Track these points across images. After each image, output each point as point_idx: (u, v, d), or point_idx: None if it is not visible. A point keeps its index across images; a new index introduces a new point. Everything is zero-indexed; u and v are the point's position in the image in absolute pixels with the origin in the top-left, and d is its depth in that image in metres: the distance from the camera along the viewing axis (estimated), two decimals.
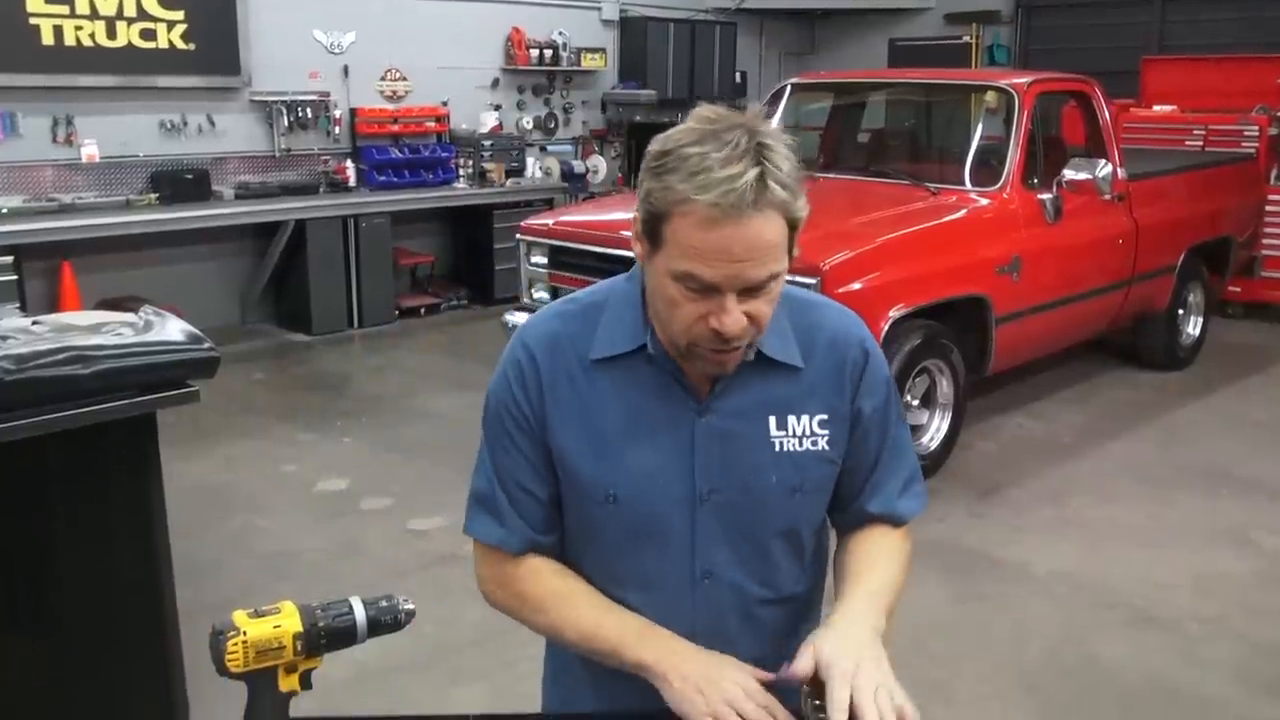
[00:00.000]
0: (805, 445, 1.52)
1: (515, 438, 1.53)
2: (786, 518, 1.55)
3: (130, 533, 2.86)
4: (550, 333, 1.54)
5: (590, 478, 1.51)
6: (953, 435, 5.49)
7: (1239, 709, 3.47)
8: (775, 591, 1.58)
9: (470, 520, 1.59)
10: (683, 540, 1.52)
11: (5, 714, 2.76)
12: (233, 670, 1.26)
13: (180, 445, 5.27)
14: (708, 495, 1.51)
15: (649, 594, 1.55)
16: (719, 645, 1.54)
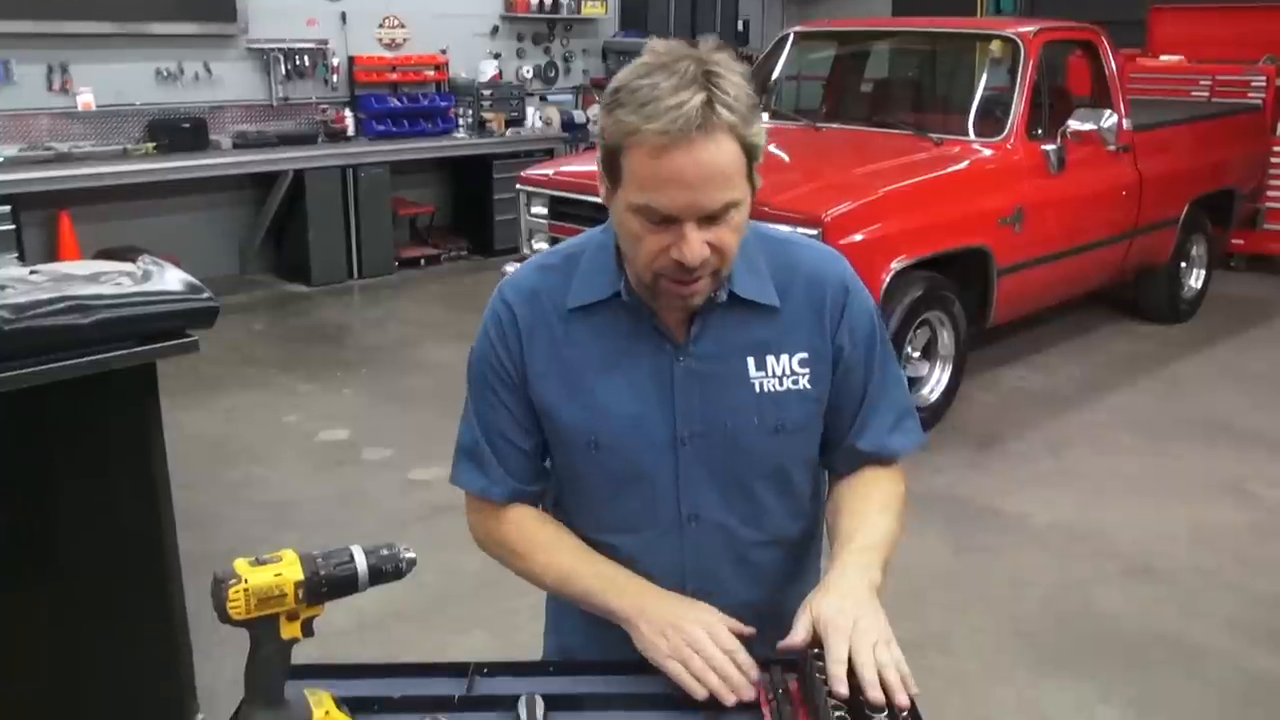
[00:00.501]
0: (786, 385, 1.51)
1: (498, 391, 1.55)
2: (771, 458, 1.54)
3: (132, 482, 2.87)
4: (529, 286, 1.55)
5: (572, 425, 1.53)
6: (953, 387, 5.49)
7: (1234, 659, 3.50)
8: (765, 533, 1.59)
9: (456, 470, 1.63)
10: (667, 484, 1.53)
11: (10, 662, 2.79)
12: (234, 618, 1.26)
13: (181, 396, 5.27)
14: (689, 438, 1.51)
15: (637, 538, 1.57)
16: (711, 588, 1.56)
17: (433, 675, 1.53)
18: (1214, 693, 3.33)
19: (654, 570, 1.55)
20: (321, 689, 1.41)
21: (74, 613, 2.82)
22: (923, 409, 5.33)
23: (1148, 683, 3.37)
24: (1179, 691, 3.33)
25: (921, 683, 1.44)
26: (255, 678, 1.32)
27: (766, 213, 4.67)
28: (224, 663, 1.50)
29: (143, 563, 2.92)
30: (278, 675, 1.33)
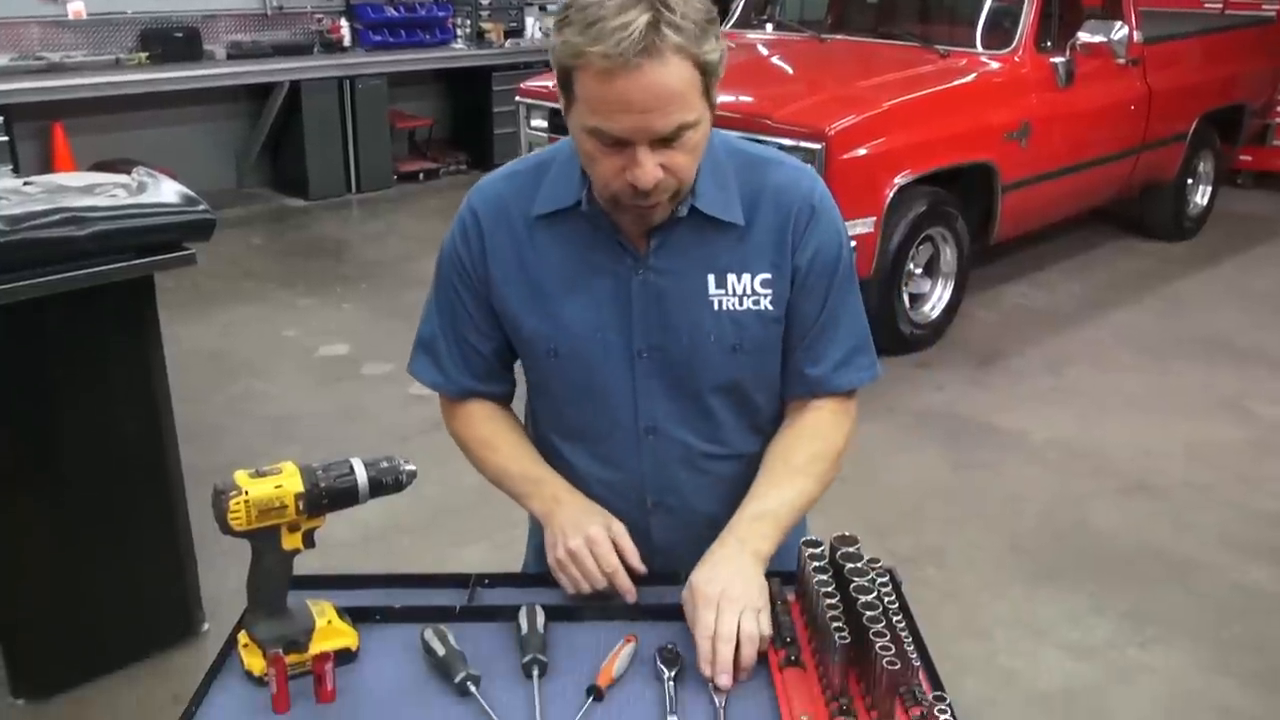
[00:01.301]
0: (746, 304, 1.49)
1: (460, 292, 1.56)
2: (727, 376, 1.53)
3: (132, 395, 2.87)
4: (496, 193, 1.54)
5: (533, 334, 1.53)
6: (954, 304, 5.48)
7: (1227, 572, 3.54)
8: (724, 448, 1.58)
9: (412, 361, 1.65)
10: (624, 395, 1.53)
11: (17, 577, 2.82)
12: (235, 529, 1.27)
13: (180, 310, 5.26)
14: (646, 351, 1.50)
15: (596, 447, 1.58)
16: (672, 500, 1.57)
17: (434, 586, 1.55)
18: (1206, 605, 3.37)
19: (615, 480, 1.57)
20: (324, 599, 1.42)
21: (78, 526, 2.85)
22: (923, 326, 5.34)
23: (1141, 596, 3.41)
24: (1172, 604, 3.37)
25: (917, 596, 1.46)
26: (257, 588, 1.34)
27: (769, 126, 4.62)
28: (228, 573, 1.52)
29: (145, 475, 2.94)
30: (280, 585, 1.34)
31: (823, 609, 1.31)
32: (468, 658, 1.34)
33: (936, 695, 1.20)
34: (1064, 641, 3.20)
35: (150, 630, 3.05)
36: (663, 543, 1.58)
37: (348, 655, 1.37)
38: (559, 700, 1.30)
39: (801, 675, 1.33)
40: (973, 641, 3.18)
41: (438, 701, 1.30)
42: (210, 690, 1.33)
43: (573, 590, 1.47)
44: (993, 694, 2.96)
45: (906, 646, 1.26)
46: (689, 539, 1.54)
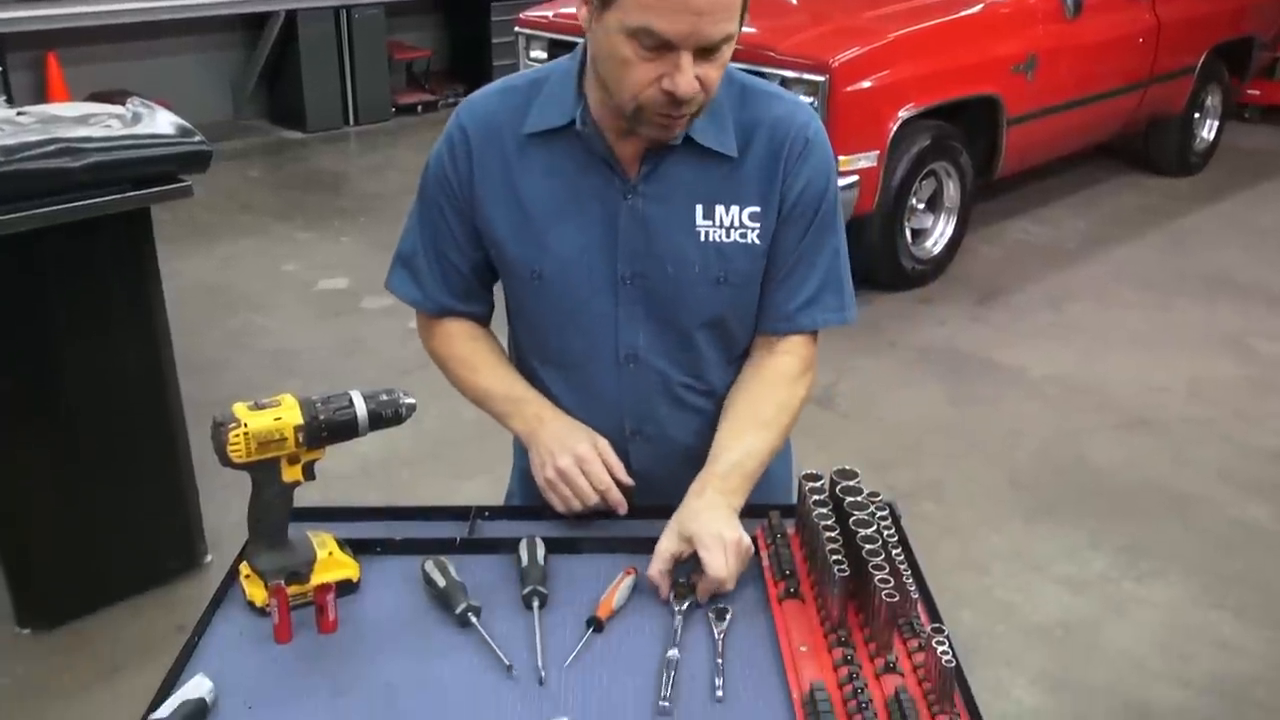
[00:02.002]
0: (733, 237, 1.46)
1: (444, 209, 1.53)
2: (711, 308, 1.51)
3: (131, 329, 2.86)
4: (487, 110, 1.50)
5: (516, 254, 1.50)
6: (957, 239, 5.45)
7: (1224, 508, 3.56)
8: (703, 383, 1.57)
9: (390, 275, 1.64)
10: (606, 322, 1.51)
11: (20, 509, 2.83)
12: (235, 461, 1.27)
13: (178, 243, 5.23)
14: (630, 278, 1.48)
15: (575, 373, 1.56)
16: (650, 429, 1.56)
17: (434, 518, 1.55)
18: (1203, 540, 3.39)
19: (594, 407, 1.56)
20: (325, 531, 1.43)
21: (79, 459, 2.86)
22: (925, 261, 5.31)
23: (1138, 530, 3.43)
24: (1169, 538, 3.40)
25: (915, 531, 1.46)
26: (258, 520, 1.34)
27: (772, 58, 4.55)
28: (229, 506, 1.53)
29: (145, 409, 2.94)
30: (280, 517, 1.34)
31: (822, 542, 1.31)
32: (468, 589, 1.34)
33: (935, 627, 1.21)
34: (1061, 575, 3.22)
35: (153, 562, 3.08)
36: (641, 470, 1.56)
37: (349, 586, 1.37)
38: (559, 631, 1.31)
39: (800, 607, 1.34)
40: (970, 575, 3.20)
41: (438, 632, 1.31)
42: (213, 620, 1.34)
43: (564, 509, 1.48)
44: (989, 627, 2.99)
45: (905, 579, 1.26)
46: (666, 468, 1.55)
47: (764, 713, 1.18)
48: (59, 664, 2.84)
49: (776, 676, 1.24)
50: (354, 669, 1.25)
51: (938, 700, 1.17)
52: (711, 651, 1.27)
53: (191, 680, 1.19)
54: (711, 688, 1.22)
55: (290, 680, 1.23)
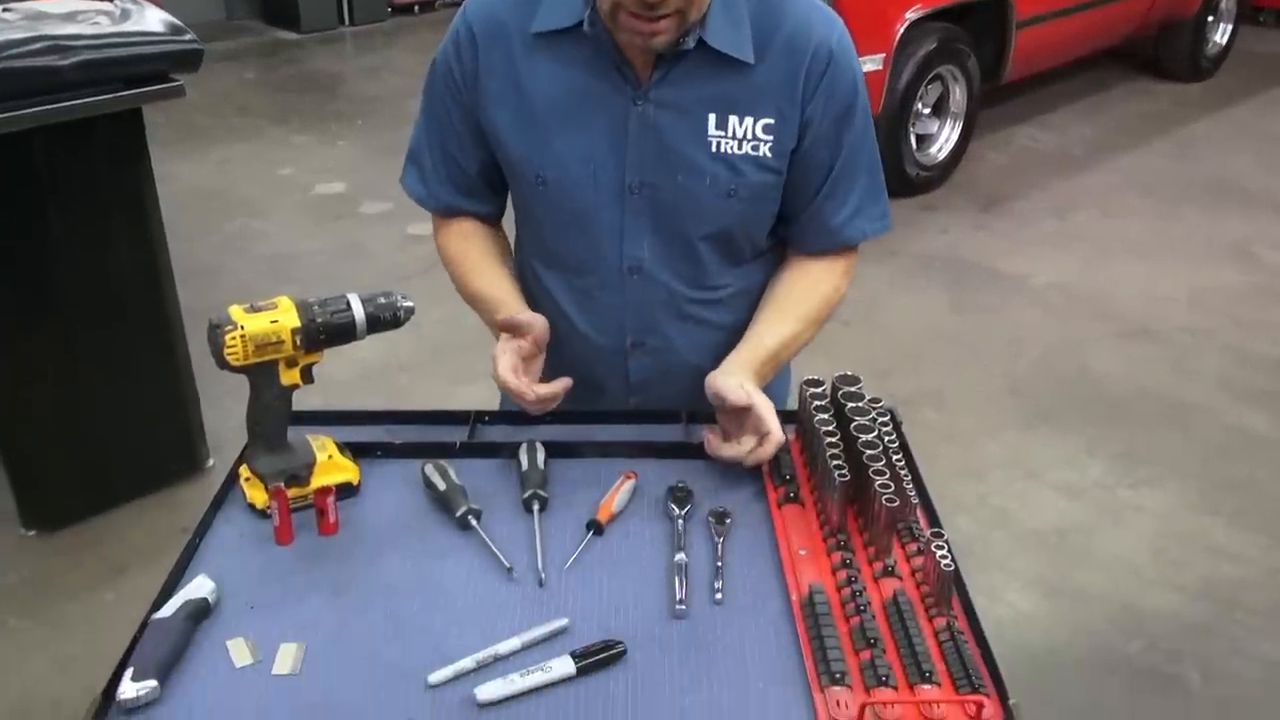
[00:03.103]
0: (745, 149, 1.42)
1: (449, 106, 1.50)
2: (718, 221, 1.47)
3: (126, 232, 2.83)
4: (493, 7, 1.45)
5: (520, 157, 1.47)
6: (962, 146, 5.38)
7: (1221, 416, 3.58)
8: (707, 293, 1.54)
9: (403, 172, 1.62)
10: (611, 231, 1.48)
11: (21, 412, 2.84)
12: (232, 364, 1.25)
13: (173, 146, 5.17)
14: (638, 187, 1.44)
15: (578, 280, 1.54)
16: (653, 341, 1.54)
17: (435, 423, 1.55)
18: (1199, 448, 3.41)
19: (595, 316, 1.54)
20: (324, 434, 1.43)
21: (79, 363, 2.85)
22: (929, 168, 5.25)
23: (1135, 438, 3.45)
24: (1165, 446, 3.41)
25: (914, 438, 1.46)
26: (257, 423, 1.33)
27: None
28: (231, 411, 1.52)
29: (143, 313, 2.93)
30: (279, 420, 1.34)
31: (823, 447, 1.31)
32: (468, 493, 1.34)
33: (934, 531, 1.21)
34: (1058, 482, 3.25)
35: (156, 465, 3.10)
36: (639, 382, 1.56)
37: (349, 490, 1.37)
38: (559, 535, 1.31)
39: (800, 512, 1.34)
40: (968, 481, 3.22)
41: (438, 535, 1.32)
42: (214, 522, 1.35)
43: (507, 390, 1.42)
44: (985, 532, 3.02)
45: (905, 484, 1.26)
46: (665, 380, 1.54)
47: (763, 615, 1.19)
48: (64, 564, 2.87)
49: (775, 579, 1.25)
50: (354, 571, 1.26)
51: (936, 604, 1.18)
52: (711, 555, 1.28)
53: (194, 581, 1.20)
54: (711, 590, 1.22)
55: (291, 581, 1.24)
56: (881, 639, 1.13)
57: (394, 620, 1.18)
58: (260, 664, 1.12)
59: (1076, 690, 2.53)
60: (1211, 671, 2.59)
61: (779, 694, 1.09)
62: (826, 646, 1.11)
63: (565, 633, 1.16)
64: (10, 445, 2.90)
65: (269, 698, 1.08)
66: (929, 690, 1.07)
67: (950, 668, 1.10)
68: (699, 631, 1.17)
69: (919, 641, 1.12)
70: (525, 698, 1.08)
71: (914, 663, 1.10)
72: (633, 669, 1.12)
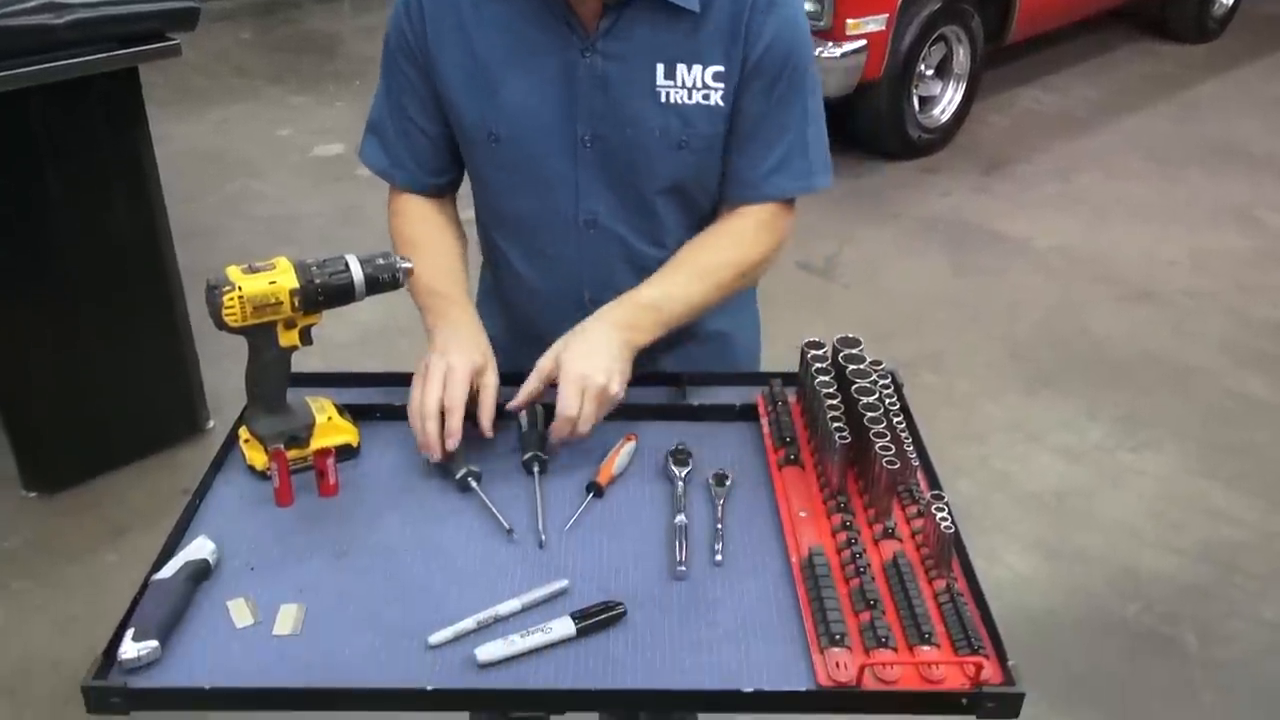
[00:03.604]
0: (695, 99, 1.39)
1: (405, 69, 1.47)
2: (671, 173, 1.45)
3: (124, 193, 2.82)
4: None
5: (472, 115, 1.44)
6: (965, 107, 5.34)
7: (1221, 379, 3.57)
8: (664, 250, 1.51)
9: (363, 145, 1.57)
10: (565, 186, 1.46)
11: (21, 374, 2.83)
12: (231, 325, 1.25)
13: (170, 107, 5.14)
14: (589, 141, 1.42)
15: (534, 238, 1.52)
16: (608, 297, 1.49)
17: None
18: (1199, 411, 3.41)
19: (553, 274, 1.52)
20: (324, 396, 1.42)
21: (78, 324, 2.85)
22: (932, 130, 5.21)
23: (1135, 402, 3.45)
24: (1165, 410, 3.41)
25: (914, 401, 1.45)
26: (255, 384, 1.33)
27: None
28: (231, 373, 1.52)
29: (142, 274, 2.92)
30: (278, 382, 1.33)
31: (824, 409, 1.30)
32: (469, 455, 1.34)
33: (935, 494, 1.21)
34: (1057, 445, 3.25)
35: (157, 427, 3.10)
36: None
37: (348, 451, 1.37)
38: (559, 497, 1.31)
39: (800, 474, 1.34)
40: (968, 444, 3.23)
41: (438, 496, 1.32)
42: (214, 484, 1.35)
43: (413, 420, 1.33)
44: (985, 495, 3.02)
45: (906, 447, 1.26)
46: None
47: (763, 576, 1.19)
48: (66, 525, 2.88)
49: (775, 541, 1.25)
50: (354, 532, 1.26)
51: (935, 566, 1.18)
52: (711, 517, 1.28)
53: (194, 542, 1.20)
54: (711, 552, 1.22)
55: (291, 542, 1.24)
56: (881, 600, 1.13)
57: (394, 581, 1.19)
58: (261, 625, 1.12)
59: (1075, 652, 2.54)
60: (1209, 634, 2.60)
61: (778, 655, 1.09)
62: (826, 608, 1.11)
63: (565, 594, 1.16)
64: (10, 407, 2.89)
65: (269, 658, 1.08)
66: (928, 651, 1.08)
67: (950, 629, 1.10)
68: (699, 593, 1.17)
69: (919, 603, 1.12)
70: (525, 658, 1.08)
71: (913, 624, 1.10)
72: (633, 630, 1.12)
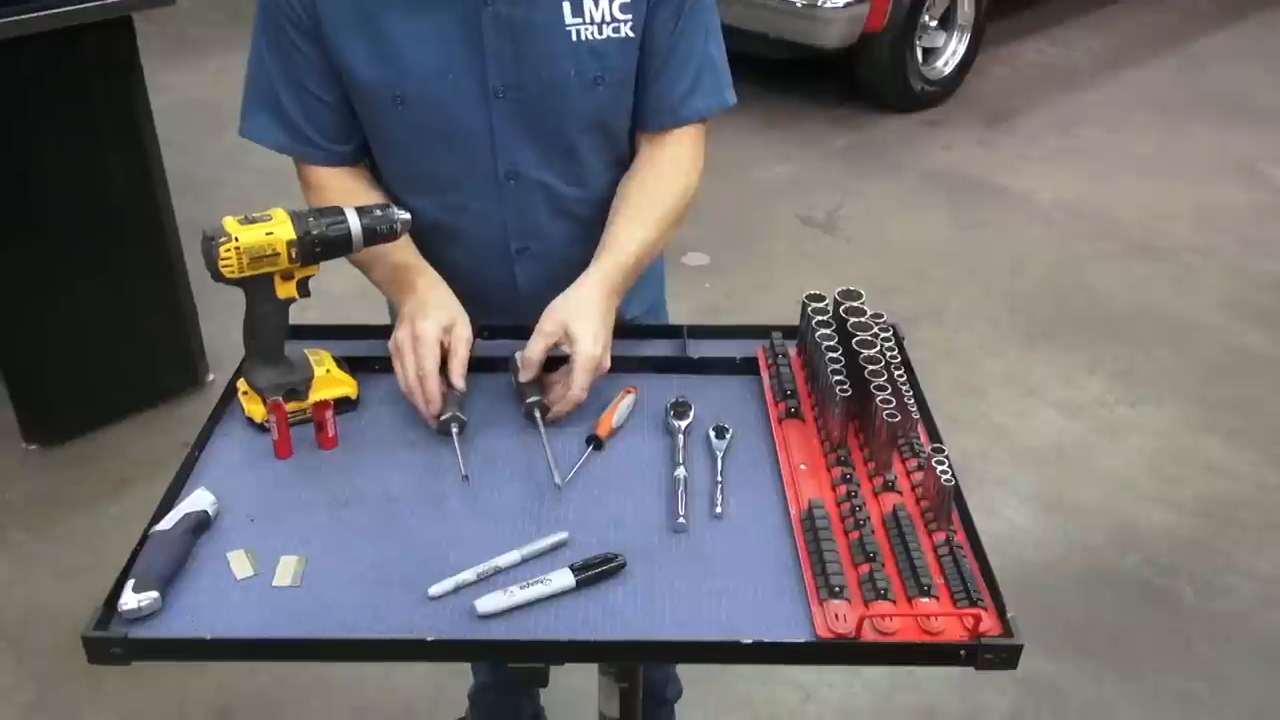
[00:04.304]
0: (606, 33, 1.37)
1: (294, 38, 1.38)
2: (590, 113, 1.43)
3: (120, 145, 2.79)
4: None
5: (373, 80, 1.38)
6: (968, 60, 5.29)
7: (1221, 334, 3.57)
8: (588, 190, 1.50)
9: (247, 122, 1.45)
10: (481, 140, 1.42)
11: (20, 328, 2.82)
12: (227, 276, 1.24)
13: (166, 58, 5.09)
14: (503, 91, 1.38)
15: (451, 196, 1.48)
16: (534, 245, 1.50)
17: None
18: (1198, 366, 3.41)
19: (476, 229, 1.49)
20: (322, 349, 1.42)
21: (77, 278, 2.84)
22: (935, 82, 5.16)
23: (1135, 356, 3.44)
24: (1165, 364, 3.41)
25: (914, 355, 1.45)
26: (253, 336, 1.32)
27: None
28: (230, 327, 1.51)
29: (139, 227, 2.91)
30: (276, 334, 1.32)
31: (825, 363, 1.30)
32: (462, 403, 1.33)
33: (935, 447, 1.21)
34: (1056, 399, 3.25)
35: (156, 380, 3.10)
36: (528, 290, 1.51)
37: (348, 404, 1.37)
38: (559, 449, 1.31)
39: (800, 427, 1.34)
40: (968, 399, 3.23)
41: (438, 449, 1.31)
42: (213, 436, 1.34)
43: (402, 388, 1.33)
44: (984, 449, 3.03)
45: (907, 400, 1.25)
46: (554, 284, 1.42)
47: (762, 529, 1.19)
48: (68, 477, 2.89)
49: (775, 494, 1.25)
50: (354, 483, 1.26)
51: (935, 519, 1.18)
52: (711, 470, 1.28)
53: (194, 494, 1.20)
54: (711, 505, 1.22)
55: (291, 493, 1.24)
56: (881, 553, 1.13)
57: (394, 533, 1.19)
58: (261, 576, 1.12)
59: (1072, 604, 2.56)
60: (1204, 586, 2.62)
61: (778, 607, 1.09)
62: (826, 560, 1.11)
63: (565, 546, 1.16)
64: (9, 360, 2.89)
65: (269, 609, 1.09)
66: (927, 603, 1.08)
67: (949, 582, 1.11)
68: (698, 545, 1.17)
69: (918, 556, 1.12)
70: (525, 610, 1.08)
71: (913, 576, 1.10)
72: (632, 582, 1.12)
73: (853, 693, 2.34)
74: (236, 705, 2.29)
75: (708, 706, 2.29)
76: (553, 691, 2.07)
